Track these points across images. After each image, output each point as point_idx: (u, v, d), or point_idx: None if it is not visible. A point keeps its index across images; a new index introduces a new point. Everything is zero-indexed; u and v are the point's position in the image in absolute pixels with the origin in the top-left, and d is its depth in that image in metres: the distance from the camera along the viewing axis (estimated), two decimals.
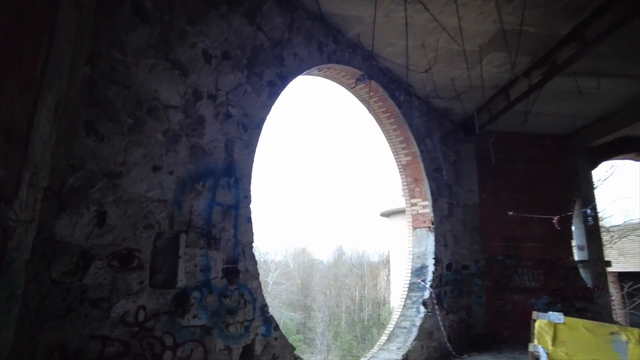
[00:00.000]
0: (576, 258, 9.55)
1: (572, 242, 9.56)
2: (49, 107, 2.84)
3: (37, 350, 2.79)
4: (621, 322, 13.25)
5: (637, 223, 16.13)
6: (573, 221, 9.67)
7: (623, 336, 5.03)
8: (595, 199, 10.01)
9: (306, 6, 5.64)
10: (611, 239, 15.38)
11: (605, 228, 14.69)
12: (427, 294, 7.28)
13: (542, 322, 5.24)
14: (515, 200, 9.28)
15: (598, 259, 9.66)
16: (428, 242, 7.79)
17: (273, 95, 5.06)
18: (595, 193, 10.15)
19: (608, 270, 9.93)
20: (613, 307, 11.00)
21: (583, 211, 9.55)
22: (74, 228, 3.05)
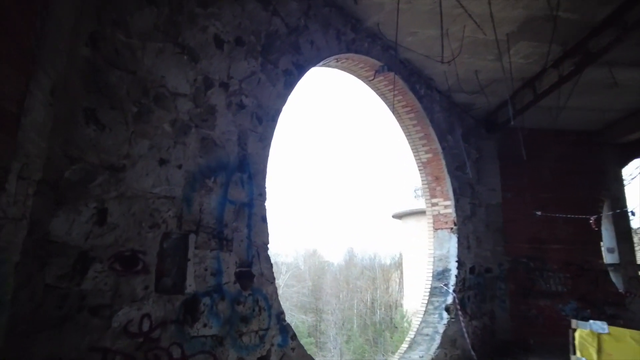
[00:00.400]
0: (606, 261, 9.03)
1: (601, 244, 9.05)
2: (44, 90, 2.52)
3: None
4: None
5: None
6: (602, 222, 9.14)
7: None
8: (625, 199, 9.47)
9: None
10: None
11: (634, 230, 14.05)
12: (450, 299, 6.89)
13: (584, 332, 4.77)
14: (540, 199, 8.88)
15: (630, 262, 9.14)
16: (450, 244, 7.39)
17: (289, 85, 4.71)
18: (625, 192, 9.61)
19: None
20: None
21: (624, 210, 8.99)
22: (71, 227, 2.73)
